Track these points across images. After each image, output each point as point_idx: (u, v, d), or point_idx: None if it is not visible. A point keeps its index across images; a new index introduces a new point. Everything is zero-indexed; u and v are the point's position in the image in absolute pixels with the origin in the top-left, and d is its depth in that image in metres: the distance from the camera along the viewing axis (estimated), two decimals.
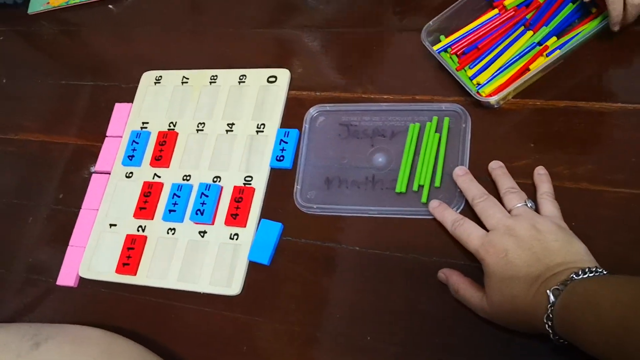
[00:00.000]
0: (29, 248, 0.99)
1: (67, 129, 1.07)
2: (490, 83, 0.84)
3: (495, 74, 0.83)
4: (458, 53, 0.87)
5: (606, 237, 0.73)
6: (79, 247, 0.94)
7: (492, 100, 0.81)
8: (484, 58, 0.85)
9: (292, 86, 0.97)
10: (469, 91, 0.82)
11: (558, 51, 0.82)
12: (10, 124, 1.12)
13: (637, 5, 0.76)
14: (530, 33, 0.85)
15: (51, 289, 0.94)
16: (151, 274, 0.88)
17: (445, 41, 0.88)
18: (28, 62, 1.20)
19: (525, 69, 0.83)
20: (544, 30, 0.84)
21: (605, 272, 0.63)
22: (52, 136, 1.08)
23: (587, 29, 0.83)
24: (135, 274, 0.89)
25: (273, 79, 0.96)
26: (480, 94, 0.82)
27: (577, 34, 0.83)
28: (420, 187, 0.82)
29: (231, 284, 0.84)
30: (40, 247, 0.99)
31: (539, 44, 0.84)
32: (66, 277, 0.93)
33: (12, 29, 1.24)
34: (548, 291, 0.63)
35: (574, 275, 0.63)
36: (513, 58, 0.84)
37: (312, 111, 0.91)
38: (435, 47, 0.87)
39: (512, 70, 0.84)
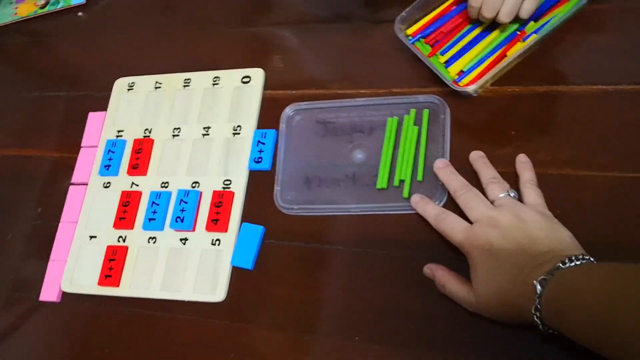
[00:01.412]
0: (10, 265, 0.97)
1: (42, 141, 1.06)
2: (460, 66, 0.82)
3: (476, 64, 0.82)
4: (431, 42, 0.86)
5: (592, 223, 0.72)
6: (60, 261, 0.92)
7: (470, 89, 0.80)
8: (457, 43, 0.84)
9: (267, 85, 0.95)
10: (446, 81, 0.81)
11: (535, 35, 0.81)
12: None
13: None
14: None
15: (35, 306, 0.92)
16: (134, 284, 0.87)
17: (415, 28, 0.86)
18: None
19: (503, 55, 0.82)
20: (534, 24, 0.83)
21: (591, 260, 0.62)
22: (27, 150, 1.06)
23: (563, 11, 0.82)
24: (118, 286, 0.87)
25: (247, 79, 0.95)
26: (457, 84, 0.81)
27: (554, 16, 0.82)
28: (402, 182, 0.81)
29: (215, 291, 0.82)
30: (21, 263, 0.97)
31: (518, 30, 0.83)
32: (49, 293, 0.91)
33: None
34: (535, 281, 0.62)
35: (560, 264, 0.62)
36: (494, 47, 0.82)
37: (288, 110, 0.90)
38: (407, 36, 0.86)
39: (488, 58, 0.82)
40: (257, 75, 0.95)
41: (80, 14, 1.16)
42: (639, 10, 0.82)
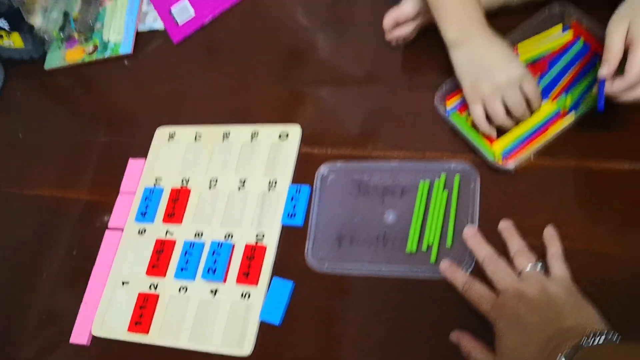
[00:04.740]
0: (43, 305, 1.00)
1: (81, 184, 1.09)
2: (502, 143, 0.84)
3: (518, 142, 0.84)
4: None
5: (617, 300, 0.72)
6: (92, 304, 0.95)
7: (509, 166, 0.82)
8: None
9: (303, 142, 0.97)
10: (486, 158, 0.83)
11: (574, 112, 0.83)
12: (26, 178, 1.14)
13: None
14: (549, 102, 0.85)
15: (65, 348, 0.94)
16: (163, 333, 0.89)
17: (454, 100, 0.89)
18: (44, 116, 1.22)
19: (541, 133, 0.83)
20: (567, 99, 0.84)
21: (617, 336, 0.63)
22: (66, 191, 1.09)
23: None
24: (147, 333, 0.89)
25: (285, 135, 0.97)
26: (497, 160, 0.83)
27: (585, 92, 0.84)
28: (430, 246, 0.82)
29: (243, 345, 0.84)
30: (53, 303, 0.99)
31: (561, 109, 0.84)
32: (79, 335, 0.93)
33: (29, 84, 1.27)
34: (560, 355, 0.62)
35: (586, 339, 0.62)
36: (536, 127, 0.84)
37: (323, 169, 0.92)
38: (446, 108, 0.88)
39: (529, 137, 0.84)
40: (295, 131, 0.97)
41: (126, 62, 1.20)
42: None
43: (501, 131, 0.85)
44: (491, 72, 0.81)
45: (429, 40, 0.96)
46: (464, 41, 0.83)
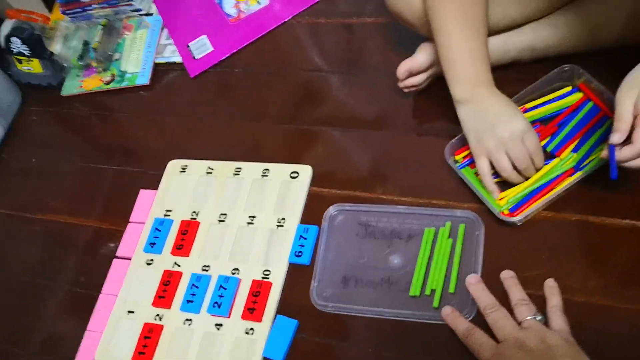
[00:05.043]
0: (47, 330, 1.01)
1: (91, 211, 1.11)
2: (509, 197, 0.87)
3: (525, 198, 0.86)
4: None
5: (615, 354, 0.74)
6: (97, 332, 0.96)
7: (516, 220, 0.84)
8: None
9: (313, 182, 1.00)
10: (493, 211, 0.85)
11: (580, 172, 0.85)
12: (37, 203, 1.16)
13: None
14: (557, 160, 0.88)
15: None
16: None
17: (464, 154, 0.92)
18: (58, 142, 1.24)
19: (551, 188, 0.86)
20: (575, 157, 0.87)
21: None
22: (77, 218, 1.11)
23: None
24: None
25: (295, 175, 1.00)
26: (504, 213, 0.85)
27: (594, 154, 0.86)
28: (433, 291, 0.84)
29: None
30: (57, 329, 1.01)
31: (568, 168, 0.87)
32: None
33: (45, 110, 1.29)
34: None
35: None
36: (543, 184, 0.86)
37: (332, 210, 0.94)
38: (456, 162, 0.91)
39: (536, 193, 0.87)
40: (305, 171, 1.00)
41: (142, 92, 1.23)
42: None
43: (510, 184, 0.87)
44: (495, 127, 0.83)
45: (440, 89, 0.98)
46: (470, 100, 0.85)
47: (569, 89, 0.92)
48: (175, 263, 0.98)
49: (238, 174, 1.03)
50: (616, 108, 0.75)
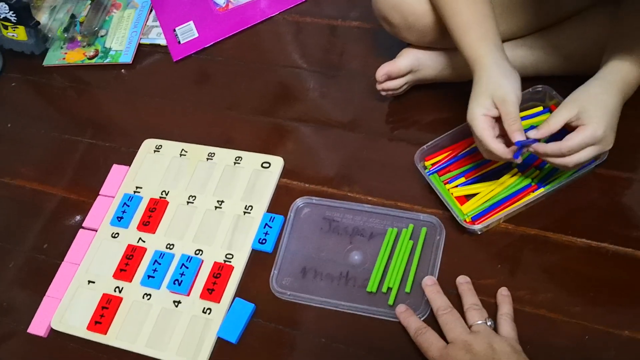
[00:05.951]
0: (5, 292, 1.01)
1: (61, 181, 1.11)
2: (473, 205, 0.89)
3: (489, 208, 0.89)
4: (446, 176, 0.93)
5: None
6: (55, 298, 0.97)
7: (476, 228, 0.87)
8: (470, 184, 0.92)
9: (283, 174, 1.02)
10: (456, 217, 0.88)
11: (543, 189, 0.88)
12: (7, 168, 1.16)
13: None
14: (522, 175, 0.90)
15: (20, 336, 0.96)
16: (121, 335, 0.91)
17: (433, 161, 0.94)
18: (35, 111, 1.25)
19: (513, 201, 0.88)
20: (539, 174, 0.90)
21: None
22: (45, 186, 1.12)
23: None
24: (105, 334, 0.91)
25: (267, 165, 1.02)
26: (466, 221, 0.88)
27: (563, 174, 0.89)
28: (390, 289, 0.86)
29: (197, 357, 0.87)
30: (16, 292, 1.01)
31: (532, 184, 0.89)
32: (38, 326, 0.95)
33: (25, 77, 1.29)
34: None
35: None
36: (507, 196, 0.89)
37: (299, 202, 0.96)
38: (425, 168, 0.94)
39: (500, 205, 0.89)
40: (277, 163, 1.02)
41: (123, 70, 1.24)
42: (627, 182, 0.90)
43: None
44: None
45: (415, 97, 1.02)
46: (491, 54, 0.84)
47: (540, 109, 0.95)
48: (141, 239, 0.99)
49: (211, 159, 1.05)
50: (551, 115, 0.80)
